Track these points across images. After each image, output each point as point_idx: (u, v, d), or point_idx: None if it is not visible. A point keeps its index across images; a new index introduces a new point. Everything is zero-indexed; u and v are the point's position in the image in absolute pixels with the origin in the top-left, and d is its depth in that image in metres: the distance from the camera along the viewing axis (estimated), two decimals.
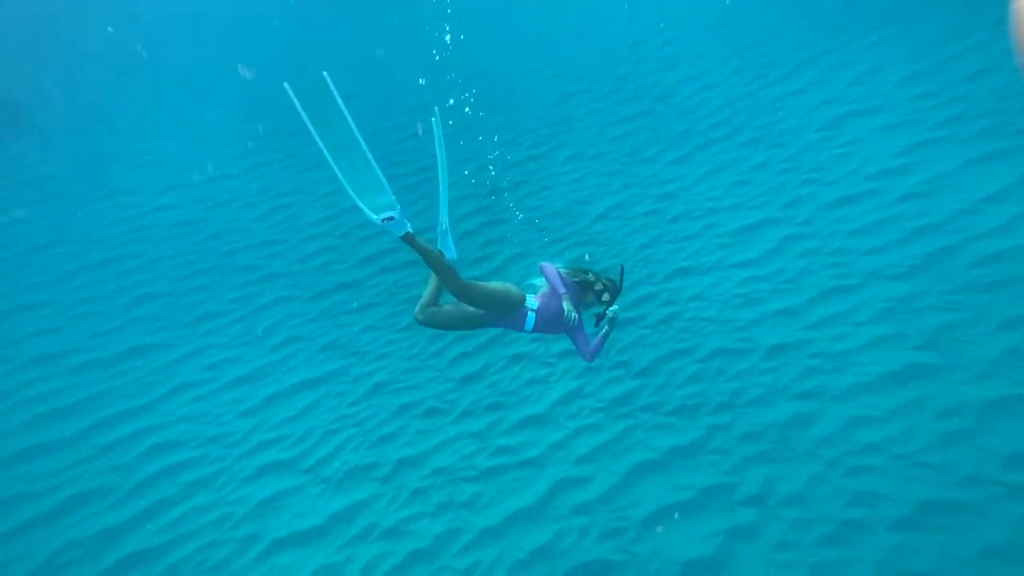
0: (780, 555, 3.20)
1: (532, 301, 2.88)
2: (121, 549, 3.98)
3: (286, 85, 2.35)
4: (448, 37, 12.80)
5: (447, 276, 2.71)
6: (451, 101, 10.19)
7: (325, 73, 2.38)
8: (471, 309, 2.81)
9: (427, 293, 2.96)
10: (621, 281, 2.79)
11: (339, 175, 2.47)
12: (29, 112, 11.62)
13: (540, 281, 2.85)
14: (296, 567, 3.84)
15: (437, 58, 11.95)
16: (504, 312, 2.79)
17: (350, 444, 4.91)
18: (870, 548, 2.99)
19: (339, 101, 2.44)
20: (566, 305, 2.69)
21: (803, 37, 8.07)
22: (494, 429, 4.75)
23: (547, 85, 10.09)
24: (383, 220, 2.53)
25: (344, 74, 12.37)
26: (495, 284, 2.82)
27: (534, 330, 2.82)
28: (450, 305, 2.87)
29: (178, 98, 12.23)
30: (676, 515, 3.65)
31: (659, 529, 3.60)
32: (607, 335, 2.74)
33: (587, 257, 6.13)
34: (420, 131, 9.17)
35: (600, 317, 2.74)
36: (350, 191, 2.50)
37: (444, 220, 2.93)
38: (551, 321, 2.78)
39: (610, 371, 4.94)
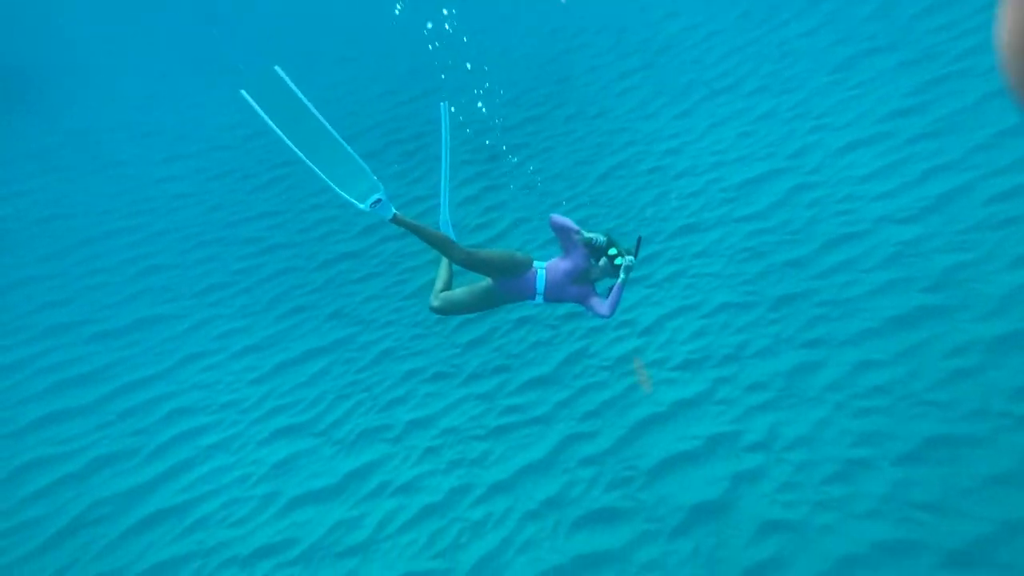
0: (785, 495, 3.28)
1: (541, 264, 2.92)
2: (148, 506, 4.17)
3: (243, 93, 2.26)
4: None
5: (447, 247, 2.74)
6: (449, 62, 9.92)
7: (277, 67, 2.28)
8: (481, 286, 2.85)
9: (439, 280, 3.00)
10: (637, 252, 2.76)
11: (316, 170, 2.44)
12: (27, 83, 11.49)
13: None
14: (315, 522, 4.01)
15: (430, 26, 11.54)
16: (512, 275, 2.80)
17: (360, 408, 5.03)
18: (874, 483, 3.05)
19: (299, 94, 2.34)
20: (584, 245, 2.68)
21: None
22: (501, 390, 4.83)
23: (545, 42, 9.76)
24: (371, 205, 2.53)
25: (339, 38, 12.02)
26: (498, 249, 2.89)
27: (546, 292, 2.81)
28: (461, 289, 2.90)
29: (169, 67, 12.00)
30: (683, 463, 3.74)
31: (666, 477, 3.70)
32: (623, 284, 2.71)
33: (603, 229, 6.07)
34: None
35: (612, 266, 2.71)
36: (331, 184, 2.47)
37: (445, 212, 2.89)
38: (563, 282, 2.78)
39: (615, 330, 4.97)
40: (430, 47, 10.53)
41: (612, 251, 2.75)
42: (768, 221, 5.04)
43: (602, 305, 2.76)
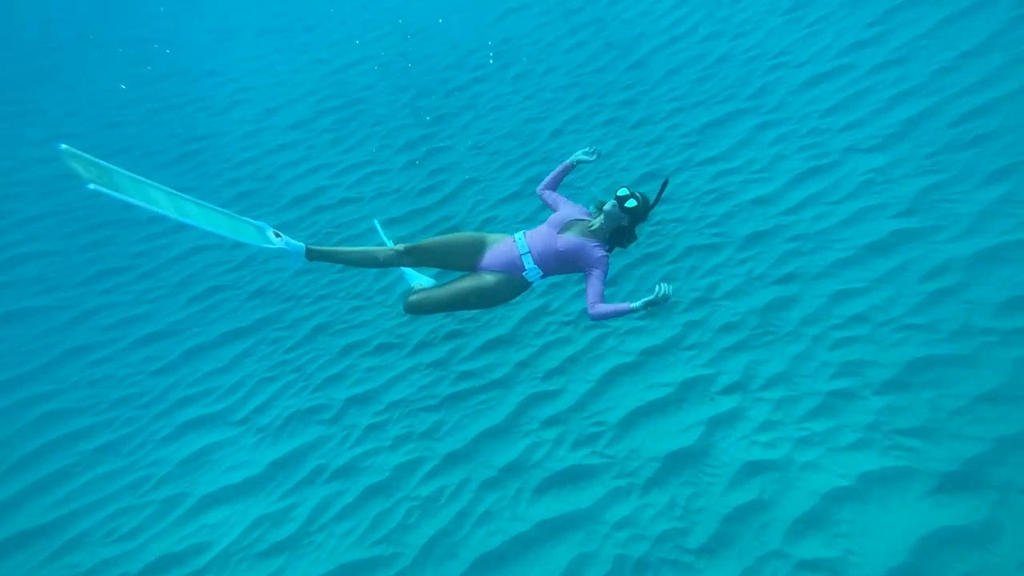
0: (764, 435, 3.08)
1: (520, 233, 2.57)
2: (6, 529, 3.48)
3: (92, 187, 1.83)
4: None
5: (383, 257, 2.47)
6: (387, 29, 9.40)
7: (62, 145, 1.86)
8: (457, 281, 2.49)
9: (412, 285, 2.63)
10: (659, 196, 2.42)
11: (202, 227, 2.10)
12: None
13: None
14: (231, 521, 3.48)
15: None
16: (480, 253, 2.49)
17: (290, 390, 4.51)
18: (858, 414, 2.90)
19: (107, 165, 1.97)
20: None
21: None
22: (454, 356, 4.45)
23: (487, 4, 9.42)
24: (277, 241, 2.27)
25: (262, 10, 11.26)
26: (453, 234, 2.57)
27: (539, 258, 2.45)
28: (440, 286, 2.53)
29: (50, 40, 10.80)
30: (654, 413, 3.49)
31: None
32: (629, 313, 2.26)
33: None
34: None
35: (622, 211, 2.34)
36: (228, 236, 2.14)
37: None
38: (556, 239, 2.41)
39: (576, 284, 4.69)
40: (362, 13, 9.99)
41: (622, 191, 2.40)
42: (732, 162, 4.92)
43: (598, 293, 2.32)
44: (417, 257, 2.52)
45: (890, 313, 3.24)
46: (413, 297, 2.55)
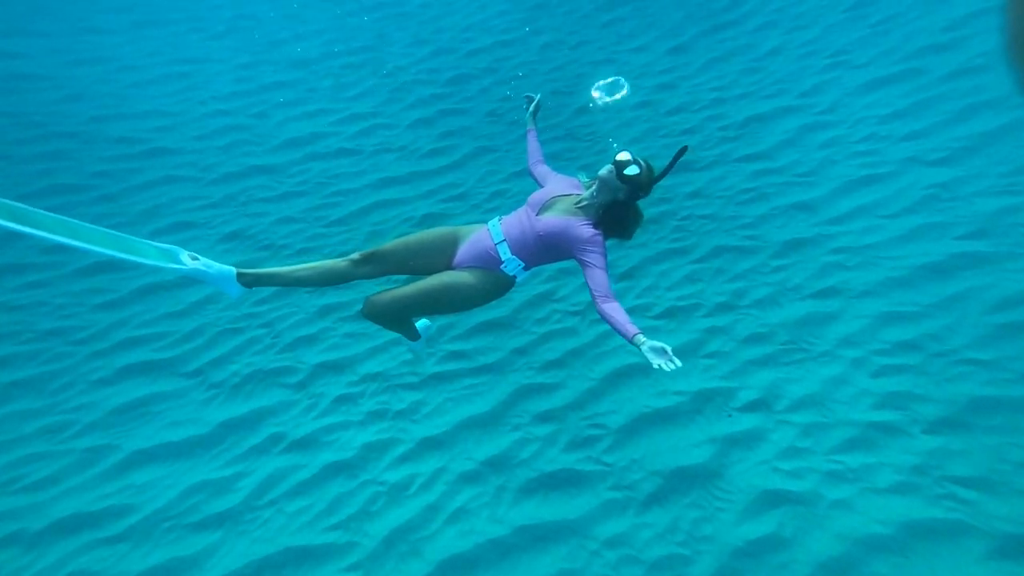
0: (788, 462, 2.79)
1: (495, 220, 2.21)
2: None
3: None
4: None
5: (337, 270, 2.11)
6: None
7: None
8: (426, 279, 2.13)
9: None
10: (671, 165, 2.05)
11: (109, 254, 1.86)
12: None
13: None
14: (163, 484, 3.10)
15: None
16: (450, 250, 2.17)
17: (254, 347, 4.12)
18: (903, 452, 2.61)
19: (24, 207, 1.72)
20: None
21: None
22: (445, 334, 4.10)
23: None
24: (191, 263, 1.95)
25: None
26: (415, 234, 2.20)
27: (515, 244, 2.09)
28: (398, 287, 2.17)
29: None
30: (662, 422, 3.19)
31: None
32: (629, 341, 1.85)
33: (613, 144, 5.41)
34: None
35: (620, 179, 2.01)
36: (133, 258, 1.88)
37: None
38: (536, 220, 2.08)
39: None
40: None
41: (622, 156, 2.04)
42: (775, 161, 4.61)
43: (601, 281, 1.95)
44: (377, 264, 2.15)
45: (947, 344, 2.96)
46: (372, 296, 2.16)
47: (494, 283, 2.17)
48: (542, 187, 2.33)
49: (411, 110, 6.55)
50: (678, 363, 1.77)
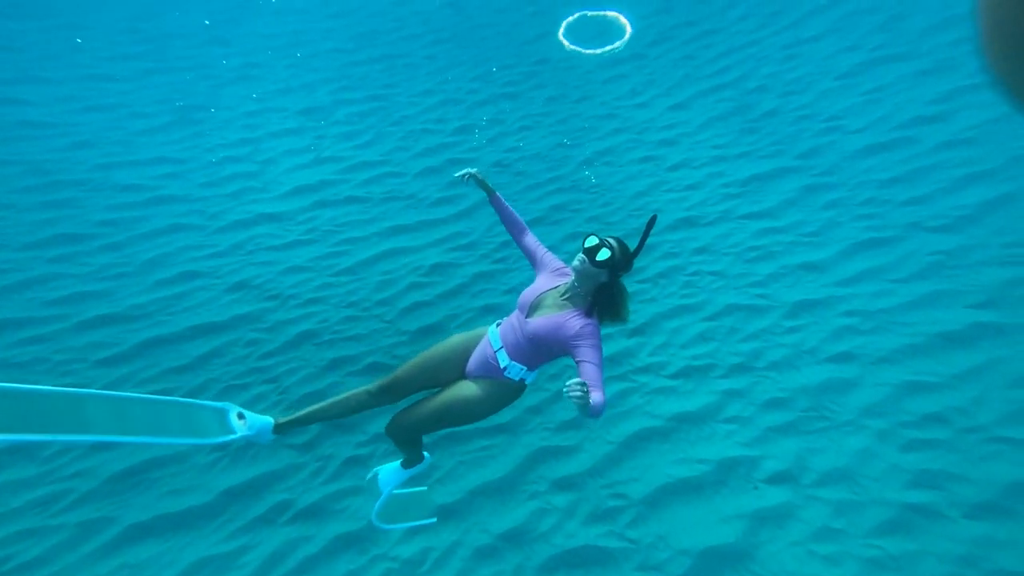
0: (824, 545, 2.64)
1: (493, 327, 2.18)
2: None
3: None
4: None
5: (356, 401, 2.18)
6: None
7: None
8: (440, 392, 2.16)
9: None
10: (644, 240, 1.96)
11: (151, 440, 1.78)
12: None
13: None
14: (162, 559, 2.83)
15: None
16: (459, 361, 2.18)
17: (260, 404, 3.91)
18: (946, 539, 2.47)
19: (50, 390, 1.70)
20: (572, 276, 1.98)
21: None
22: None
23: (525, 22, 9.25)
24: (240, 424, 2.03)
25: None
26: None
27: (512, 348, 2.06)
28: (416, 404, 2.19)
29: None
30: (687, 493, 3.03)
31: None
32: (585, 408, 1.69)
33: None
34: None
35: (594, 265, 1.92)
36: (177, 441, 1.84)
37: None
38: (526, 322, 2.02)
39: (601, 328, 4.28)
40: (389, 9, 9.71)
41: (589, 241, 1.95)
42: (778, 220, 4.62)
43: (594, 377, 1.82)
44: (397, 391, 2.18)
45: (975, 419, 2.87)
46: (398, 416, 2.19)
47: (502, 392, 2.14)
48: (532, 266, 2.26)
49: (419, 159, 6.54)
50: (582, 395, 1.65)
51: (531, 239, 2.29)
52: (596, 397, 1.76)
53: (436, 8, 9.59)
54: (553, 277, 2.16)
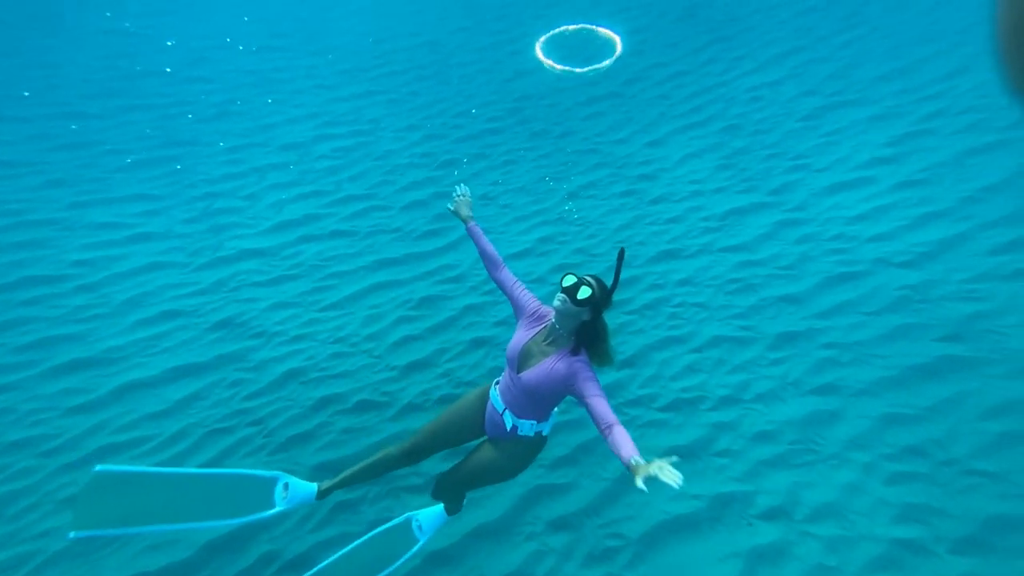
0: None
1: (494, 389, 2.20)
2: None
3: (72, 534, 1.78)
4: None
5: (386, 463, 2.29)
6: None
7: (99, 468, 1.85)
8: (474, 452, 2.26)
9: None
10: (619, 271, 1.95)
11: (208, 524, 1.91)
12: None
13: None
14: None
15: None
16: (478, 419, 2.23)
17: (244, 448, 3.75)
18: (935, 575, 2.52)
19: (136, 470, 1.86)
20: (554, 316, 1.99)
21: (773, 33, 8.27)
22: None
23: (506, 60, 9.52)
24: (285, 495, 2.12)
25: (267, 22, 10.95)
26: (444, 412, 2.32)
27: (512, 403, 2.07)
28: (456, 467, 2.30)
29: (13, 13, 10.02)
30: (684, 531, 3.01)
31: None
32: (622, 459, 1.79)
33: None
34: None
35: (576, 304, 1.91)
36: (232, 521, 1.95)
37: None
38: (524, 390, 2.00)
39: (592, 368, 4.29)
40: (372, 47, 9.87)
41: (568, 280, 1.93)
42: (756, 254, 4.78)
43: (601, 410, 1.82)
44: (419, 454, 2.24)
45: (951, 451, 2.97)
46: (440, 480, 2.31)
47: (523, 450, 2.14)
48: (512, 304, 2.23)
49: (405, 192, 6.55)
50: (677, 481, 1.58)
51: (507, 275, 2.25)
52: (621, 440, 1.79)
53: (418, 46, 9.79)
54: (532, 323, 2.12)
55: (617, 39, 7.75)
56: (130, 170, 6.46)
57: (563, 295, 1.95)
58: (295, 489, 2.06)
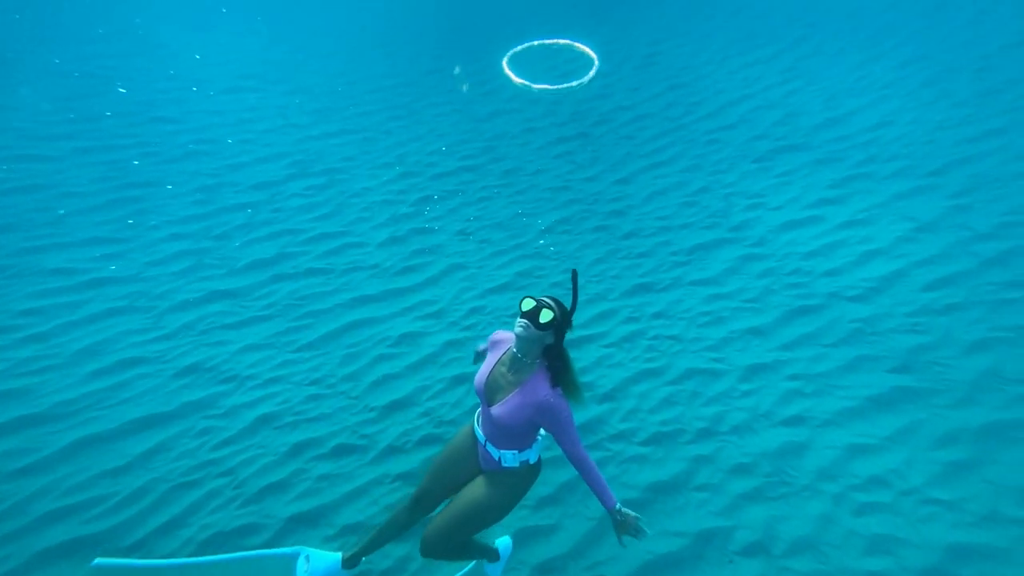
0: None
1: (475, 423, 2.17)
2: None
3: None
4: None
5: (403, 518, 2.23)
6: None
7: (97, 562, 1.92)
8: (459, 496, 2.16)
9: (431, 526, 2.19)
10: (575, 293, 1.96)
11: None
12: None
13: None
14: None
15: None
16: (469, 462, 2.19)
17: (213, 502, 3.53)
18: None
19: (139, 564, 1.93)
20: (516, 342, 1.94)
21: (723, 83, 8.87)
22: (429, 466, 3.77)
23: (478, 100, 9.80)
24: (307, 570, 2.08)
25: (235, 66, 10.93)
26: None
27: (491, 434, 2.04)
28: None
29: None
30: (668, 570, 3.00)
31: None
32: (602, 502, 1.94)
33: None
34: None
35: (539, 328, 1.88)
36: None
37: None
38: (498, 425, 1.97)
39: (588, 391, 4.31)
40: (345, 89, 9.99)
41: (527, 304, 1.90)
42: (723, 287, 4.98)
43: (564, 439, 1.88)
44: (428, 500, 2.19)
45: (910, 481, 3.11)
46: (423, 536, 2.12)
47: (513, 481, 2.08)
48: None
49: (382, 228, 6.53)
50: (647, 532, 1.95)
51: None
52: (598, 488, 1.91)
53: (391, 87, 9.96)
54: (494, 350, 2.08)
55: (594, 55, 7.95)
56: (87, 213, 6.19)
57: (524, 320, 1.88)
58: (317, 561, 1.96)
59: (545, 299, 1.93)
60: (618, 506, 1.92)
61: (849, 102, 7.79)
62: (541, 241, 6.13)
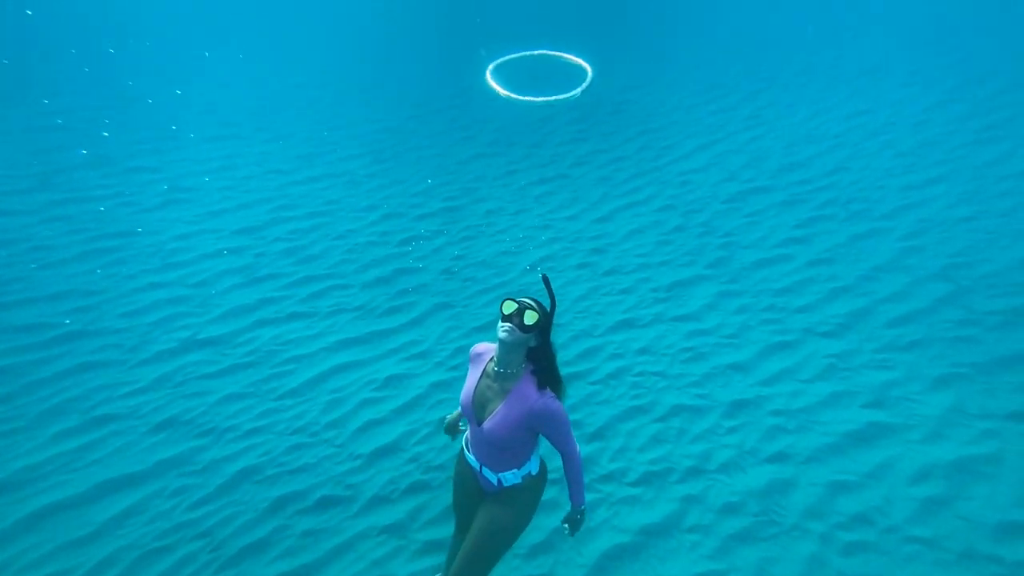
0: None
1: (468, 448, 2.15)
2: None
3: None
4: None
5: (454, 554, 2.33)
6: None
7: None
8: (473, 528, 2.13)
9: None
10: (552, 294, 1.93)
11: None
12: None
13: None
14: None
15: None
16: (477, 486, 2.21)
17: (187, 567, 3.32)
18: None
19: None
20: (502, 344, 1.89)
21: (692, 128, 9.36)
22: (418, 518, 3.63)
23: (459, 144, 10.05)
24: None
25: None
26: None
27: (481, 457, 2.03)
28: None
29: None
30: None
31: None
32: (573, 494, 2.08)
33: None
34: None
35: (523, 329, 1.83)
36: None
37: None
38: (489, 442, 1.94)
39: (576, 429, 4.27)
40: (331, 135, 10.17)
41: (508, 307, 1.86)
42: (703, 323, 5.09)
43: (558, 440, 1.91)
44: (465, 531, 2.24)
45: (891, 518, 3.15)
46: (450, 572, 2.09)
47: (519, 500, 2.01)
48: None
49: (366, 270, 6.50)
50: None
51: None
52: (575, 486, 2.04)
53: (373, 132, 10.16)
54: (475, 364, 2.04)
55: (588, 67, 8.09)
56: (58, 266, 6.01)
57: (508, 324, 1.80)
58: None
59: (526, 300, 1.87)
60: (583, 507, 2.13)
61: (807, 148, 8.33)
62: (526, 279, 6.20)
